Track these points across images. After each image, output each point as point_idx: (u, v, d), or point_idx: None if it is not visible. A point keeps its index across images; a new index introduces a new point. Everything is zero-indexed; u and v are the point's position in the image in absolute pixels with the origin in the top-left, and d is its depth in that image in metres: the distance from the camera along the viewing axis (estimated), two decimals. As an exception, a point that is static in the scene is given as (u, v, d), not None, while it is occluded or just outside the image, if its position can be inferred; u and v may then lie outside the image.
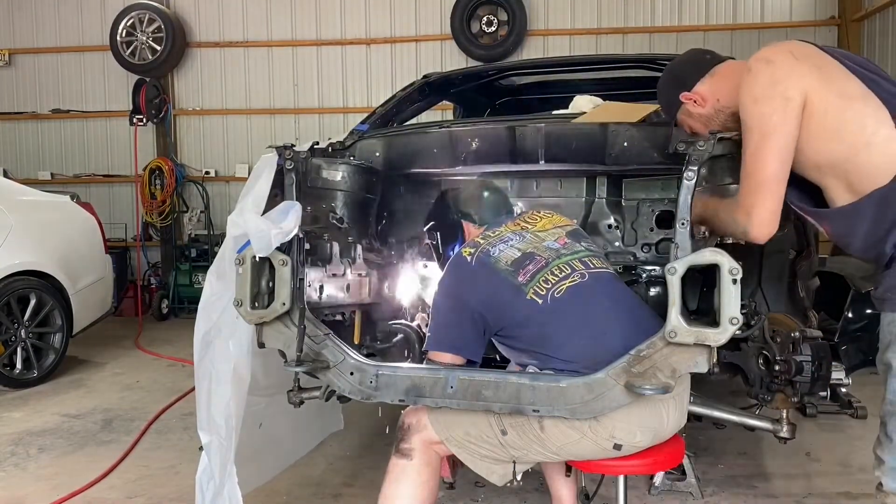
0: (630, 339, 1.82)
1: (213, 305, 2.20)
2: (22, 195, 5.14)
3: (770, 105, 1.70)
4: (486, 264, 1.98)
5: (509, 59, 7.80)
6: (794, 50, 1.75)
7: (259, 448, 2.59)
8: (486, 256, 2.00)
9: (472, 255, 2.02)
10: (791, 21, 7.79)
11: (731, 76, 1.87)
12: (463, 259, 2.03)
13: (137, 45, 8.25)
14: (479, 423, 1.90)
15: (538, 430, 1.85)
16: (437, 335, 2.02)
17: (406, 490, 1.91)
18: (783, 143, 1.70)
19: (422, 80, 3.68)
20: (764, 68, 1.73)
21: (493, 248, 2.02)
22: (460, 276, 2.03)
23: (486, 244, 2.04)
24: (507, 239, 2.05)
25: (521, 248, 2.01)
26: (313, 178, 2.34)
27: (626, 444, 1.84)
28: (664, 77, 2.07)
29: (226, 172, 8.56)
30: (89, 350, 5.82)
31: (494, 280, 1.95)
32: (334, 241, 2.44)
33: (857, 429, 3.39)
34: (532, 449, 1.88)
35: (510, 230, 2.10)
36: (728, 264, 1.71)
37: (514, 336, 1.97)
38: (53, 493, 2.93)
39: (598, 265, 2.01)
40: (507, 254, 2.00)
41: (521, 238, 2.05)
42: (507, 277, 1.94)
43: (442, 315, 2.02)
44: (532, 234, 2.08)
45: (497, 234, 2.09)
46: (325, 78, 8.45)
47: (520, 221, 2.16)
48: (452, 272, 2.06)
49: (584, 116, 2.44)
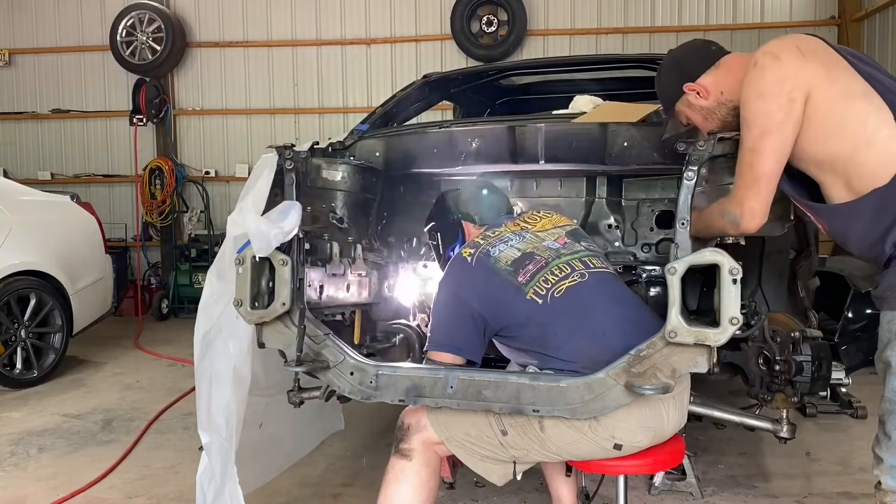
0: (630, 338, 1.82)
1: (213, 305, 2.21)
2: (22, 195, 5.14)
3: (775, 103, 1.69)
4: (485, 264, 1.98)
5: (509, 59, 7.81)
6: (800, 45, 1.74)
7: (260, 448, 2.59)
8: (485, 256, 2.00)
9: (472, 255, 2.02)
10: (791, 21, 7.79)
11: (735, 70, 1.85)
12: (463, 259, 2.03)
13: (137, 45, 8.26)
14: (479, 424, 1.90)
15: (538, 430, 1.85)
16: (438, 336, 2.02)
17: (406, 491, 1.91)
18: (782, 141, 1.69)
19: (422, 80, 3.68)
20: (771, 63, 1.71)
21: (493, 248, 2.02)
22: (460, 276, 2.03)
23: (485, 244, 2.04)
24: (506, 239, 2.06)
25: (520, 248, 2.01)
26: (313, 178, 2.34)
27: (626, 444, 1.84)
28: (667, 65, 2.02)
29: (226, 172, 8.56)
30: (89, 350, 5.82)
31: (495, 280, 1.95)
32: (334, 241, 2.44)
33: (857, 429, 3.39)
34: (532, 449, 1.88)
35: (510, 230, 2.10)
36: (728, 264, 1.71)
37: (514, 336, 1.97)
38: (53, 493, 2.93)
39: (598, 265, 2.01)
40: (507, 254, 2.00)
41: (521, 238, 2.06)
42: (507, 277, 1.94)
43: (442, 316, 2.02)
44: (532, 233, 2.08)
45: (497, 234, 2.09)
46: (325, 78, 8.45)
47: (519, 221, 2.16)
48: (452, 272, 2.07)
49: (584, 116, 2.43)
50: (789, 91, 1.68)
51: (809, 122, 1.69)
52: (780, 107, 1.68)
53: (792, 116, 1.68)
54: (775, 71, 1.70)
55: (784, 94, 1.68)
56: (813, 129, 1.69)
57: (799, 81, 1.68)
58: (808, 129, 1.70)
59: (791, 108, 1.68)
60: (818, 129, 1.69)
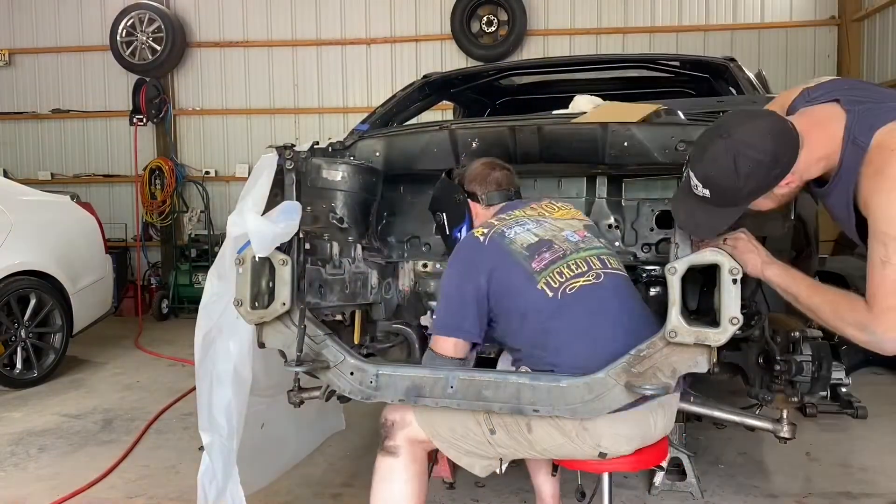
0: (625, 350, 1.80)
1: (213, 305, 2.21)
2: (22, 195, 5.14)
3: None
4: (499, 245, 1.92)
5: (509, 59, 7.80)
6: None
7: (261, 449, 2.59)
8: (500, 237, 1.94)
9: (485, 234, 1.96)
10: (791, 21, 7.80)
11: (812, 145, 1.65)
12: (475, 240, 1.97)
13: (137, 45, 8.25)
14: (465, 421, 1.88)
15: (525, 431, 1.85)
16: (444, 319, 1.97)
17: (395, 487, 1.90)
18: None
19: (422, 80, 3.68)
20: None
21: (510, 229, 1.96)
22: (470, 256, 1.96)
23: (500, 225, 1.98)
24: (523, 223, 1.99)
25: (538, 234, 1.95)
26: (313, 178, 2.33)
27: (611, 452, 1.84)
28: (757, 161, 1.62)
29: (226, 172, 8.56)
30: (89, 350, 5.82)
31: (508, 261, 1.89)
32: (334, 241, 2.44)
33: (857, 429, 3.36)
34: (519, 449, 1.88)
35: (526, 215, 2.03)
36: (728, 264, 1.71)
37: (509, 330, 1.92)
38: (53, 493, 2.93)
39: (614, 266, 1.96)
40: (523, 237, 1.94)
41: (539, 224, 1.99)
42: (521, 262, 1.88)
43: (449, 297, 1.96)
44: (550, 221, 2.02)
45: (513, 216, 2.03)
46: (325, 78, 8.45)
47: (537, 207, 2.09)
48: (462, 253, 2.01)
49: (584, 116, 2.43)
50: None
51: None
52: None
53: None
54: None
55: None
56: None
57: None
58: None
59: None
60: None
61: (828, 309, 1.65)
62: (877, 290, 1.54)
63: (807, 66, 7.75)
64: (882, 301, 1.53)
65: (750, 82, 3.21)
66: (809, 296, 1.70)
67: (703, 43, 7.82)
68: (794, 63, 7.77)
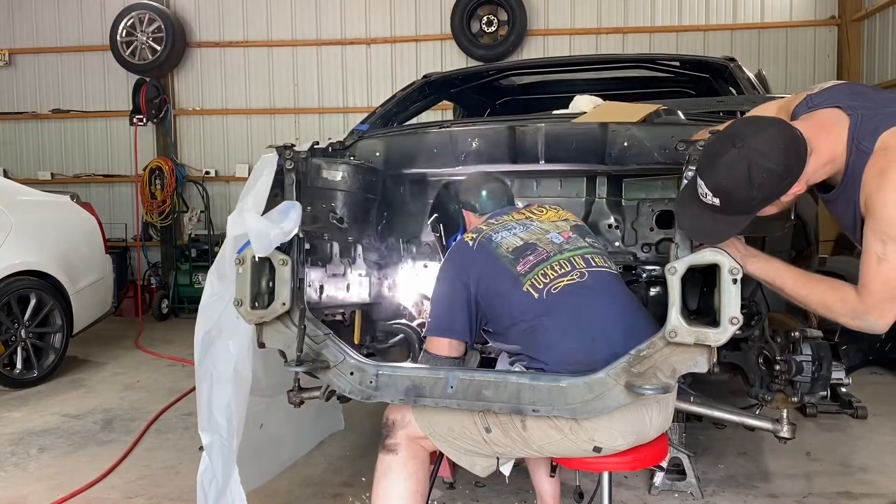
0: (617, 346, 1.82)
1: (213, 305, 2.21)
2: (22, 195, 5.14)
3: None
4: (487, 249, 1.99)
5: (509, 58, 7.80)
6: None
7: (260, 448, 2.59)
8: (487, 241, 2.01)
9: (473, 239, 2.03)
10: (791, 21, 7.79)
11: (823, 151, 1.67)
12: (465, 244, 2.04)
13: (137, 45, 8.25)
14: (463, 420, 1.91)
15: (520, 428, 1.86)
16: (437, 321, 2.03)
17: (395, 484, 1.92)
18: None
19: (422, 80, 3.68)
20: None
21: (496, 234, 2.03)
22: (461, 260, 2.04)
23: (488, 230, 2.05)
24: (510, 227, 2.06)
25: (523, 238, 2.01)
26: (313, 178, 2.34)
27: (606, 447, 1.85)
28: (769, 170, 1.60)
29: (226, 172, 8.56)
30: (89, 350, 5.82)
31: (495, 266, 1.96)
32: (334, 241, 2.44)
33: (857, 429, 3.37)
34: (515, 447, 1.90)
35: (514, 219, 2.10)
36: (728, 264, 1.71)
37: (500, 332, 1.97)
38: (53, 493, 2.93)
39: (599, 263, 2.00)
40: (509, 241, 2.00)
41: (525, 228, 2.06)
42: (507, 266, 1.94)
43: (441, 300, 2.03)
44: (537, 224, 2.08)
45: (501, 221, 2.10)
46: (325, 78, 8.45)
47: (525, 212, 2.16)
48: (453, 257, 2.08)
49: (584, 116, 2.44)
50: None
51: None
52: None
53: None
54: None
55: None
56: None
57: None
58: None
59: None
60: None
61: (816, 301, 1.71)
62: (870, 282, 1.61)
63: (807, 66, 7.76)
64: (876, 294, 1.60)
65: (750, 82, 3.21)
66: (795, 288, 1.75)
67: (703, 43, 7.82)
68: (794, 63, 7.77)
